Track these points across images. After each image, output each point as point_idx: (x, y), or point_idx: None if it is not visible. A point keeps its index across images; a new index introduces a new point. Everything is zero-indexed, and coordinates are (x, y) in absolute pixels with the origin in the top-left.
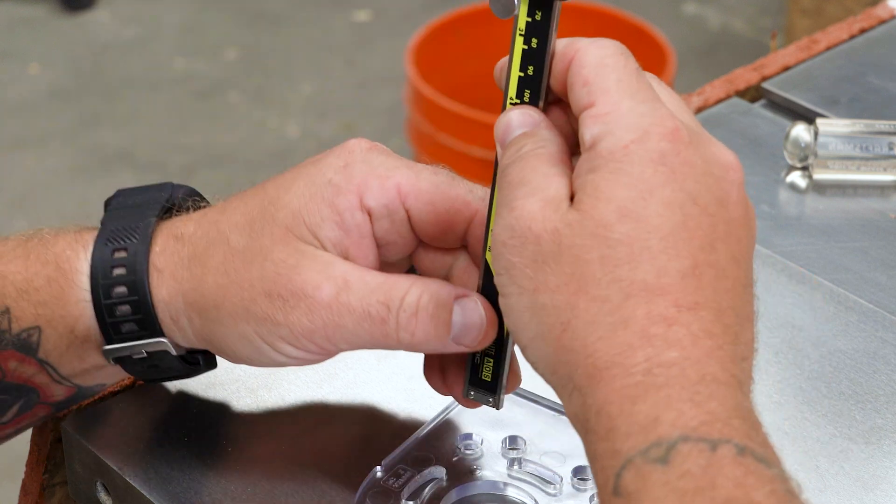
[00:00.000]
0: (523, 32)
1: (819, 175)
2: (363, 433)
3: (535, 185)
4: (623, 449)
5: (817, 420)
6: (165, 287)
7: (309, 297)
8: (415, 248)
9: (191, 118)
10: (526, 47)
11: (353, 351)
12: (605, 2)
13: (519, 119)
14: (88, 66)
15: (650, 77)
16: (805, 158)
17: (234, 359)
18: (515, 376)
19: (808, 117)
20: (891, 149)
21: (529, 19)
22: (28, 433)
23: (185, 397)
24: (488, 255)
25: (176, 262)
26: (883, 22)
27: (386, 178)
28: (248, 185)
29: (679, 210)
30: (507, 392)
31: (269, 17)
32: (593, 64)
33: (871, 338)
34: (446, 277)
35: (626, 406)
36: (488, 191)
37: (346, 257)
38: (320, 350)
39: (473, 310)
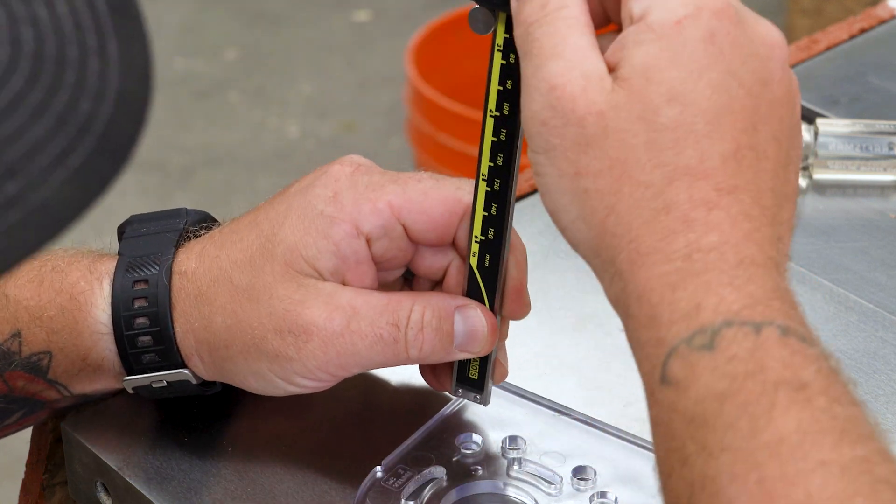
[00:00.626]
0: (501, 48)
1: (819, 175)
2: (363, 433)
3: (572, 59)
4: (667, 337)
5: None
6: (178, 324)
7: (322, 330)
8: (413, 256)
9: (191, 118)
10: (504, 62)
11: None
12: None
13: None
14: None
15: None
16: (805, 158)
17: (248, 389)
18: (502, 369)
19: (808, 117)
20: (891, 149)
21: (507, 35)
22: (28, 433)
23: (185, 398)
24: (473, 261)
25: (184, 298)
26: (883, 22)
27: (376, 200)
28: (248, 186)
29: (725, 92)
30: (494, 383)
31: (269, 17)
32: None
33: (871, 338)
34: (443, 276)
35: (666, 293)
36: (473, 183)
37: (343, 283)
38: (332, 377)
39: (475, 318)
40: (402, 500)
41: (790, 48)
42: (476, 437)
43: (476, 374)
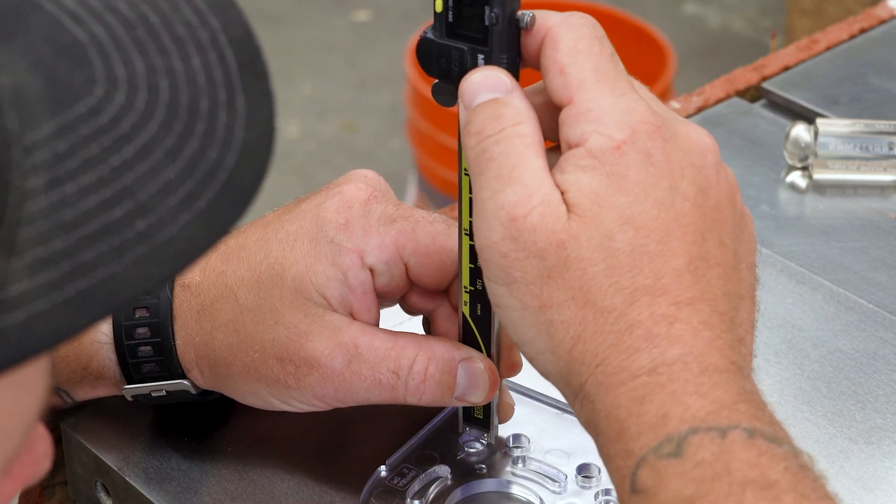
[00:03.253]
0: None
1: (819, 175)
2: (366, 433)
3: (528, 185)
4: (636, 448)
5: (817, 420)
6: (179, 336)
7: (322, 367)
8: (407, 292)
9: None
10: None
11: None
12: (605, 2)
13: (487, 81)
14: None
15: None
16: (805, 158)
17: (245, 404)
18: (507, 408)
19: (808, 117)
20: (891, 149)
21: None
22: None
23: None
24: (465, 309)
25: (186, 311)
26: (883, 22)
27: (384, 235)
28: None
29: (671, 209)
30: (501, 421)
31: (269, 17)
32: (567, 50)
33: (871, 338)
34: (432, 315)
35: (633, 407)
36: None
37: (350, 313)
38: (329, 406)
39: (477, 370)
40: (408, 499)
41: (790, 48)
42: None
43: (481, 414)
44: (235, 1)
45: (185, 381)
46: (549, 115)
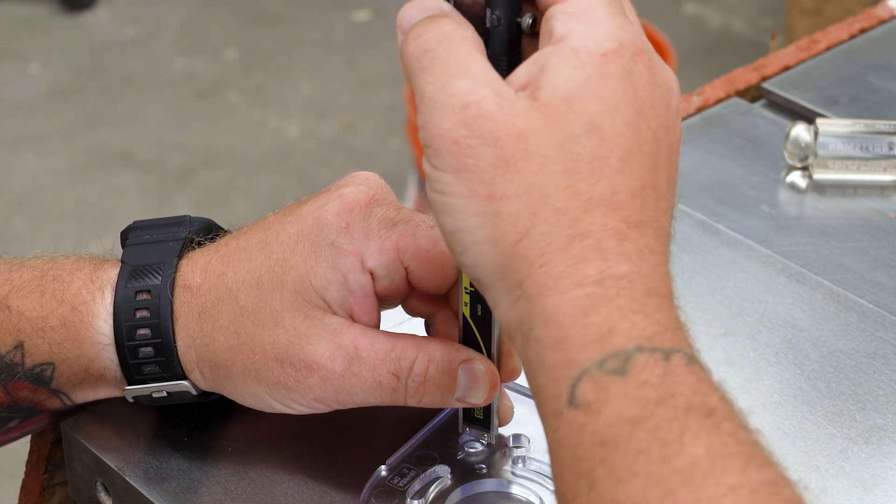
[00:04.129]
0: None
1: (819, 175)
2: (366, 432)
3: (480, 76)
4: (578, 359)
5: (817, 420)
6: (180, 338)
7: (322, 369)
8: (407, 296)
9: (191, 118)
10: None
11: None
12: None
13: (424, 4)
14: (88, 65)
15: None
16: (805, 158)
17: (246, 405)
18: (507, 410)
19: (808, 117)
20: (891, 149)
21: None
22: None
23: None
24: (465, 310)
25: (187, 313)
26: (883, 22)
27: (385, 239)
28: (248, 186)
29: (636, 132)
30: (501, 424)
31: (269, 17)
32: None
33: (871, 338)
34: (432, 318)
35: (578, 317)
36: None
37: (351, 316)
38: (329, 408)
39: (478, 372)
40: (408, 499)
41: (790, 48)
42: None
43: (481, 415)
44: None
45: (186, 383)
46: None
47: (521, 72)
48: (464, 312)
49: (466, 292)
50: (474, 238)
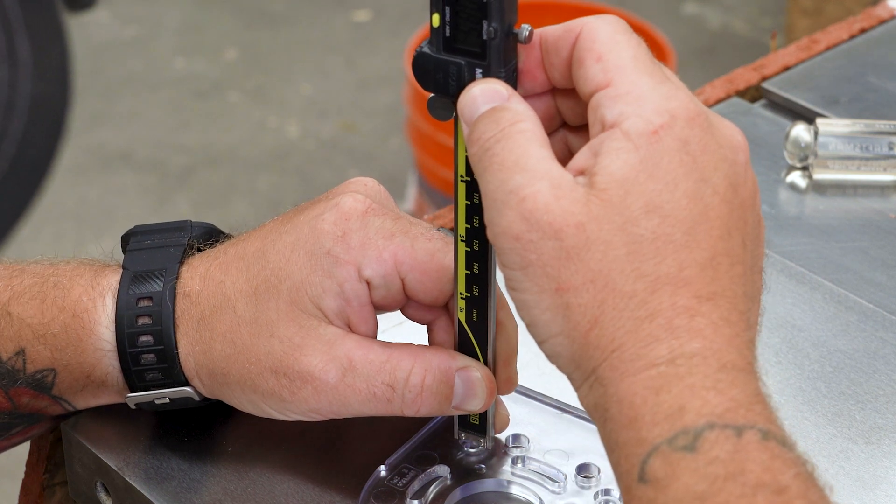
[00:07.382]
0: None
1: (819, 175)
2: (366, 432)
3: (537, 170)
4: (649, 437)
5: (817, 420)
6: (182, 344)
7: (316, 380)
8: (404, 305)
9: (190, 118)
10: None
11: None
12: (605, 2)
13: (485, 94)
14: (88, 65)
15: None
16: (805, 158)
17: (244, 411)
18: (502, 418)
19: (808, 117)
20: (891, 149)
21: None
22: None
23: None
24: (461, 316)
25: (187, 320)
26: (883, 22)
27: (382, 249)
28: (248, 186)
29: (700, 201)
30: (497, 431)
31: (269, 17)
32: (605, 39)
33: (871, 338)
34: (430, 325)
35: (650, 396)
36: None
37: (347, 325)
38: (324, 417)
39: (474, 380)
40: (408, 499)
41: (790, 48)
42: None
43: (477, 421)
44: None
45: (189, 389)
46: (553, 116)
47: (578, 159)
48: (459, 318)
49: (462, 298)
50: (550, 331)
